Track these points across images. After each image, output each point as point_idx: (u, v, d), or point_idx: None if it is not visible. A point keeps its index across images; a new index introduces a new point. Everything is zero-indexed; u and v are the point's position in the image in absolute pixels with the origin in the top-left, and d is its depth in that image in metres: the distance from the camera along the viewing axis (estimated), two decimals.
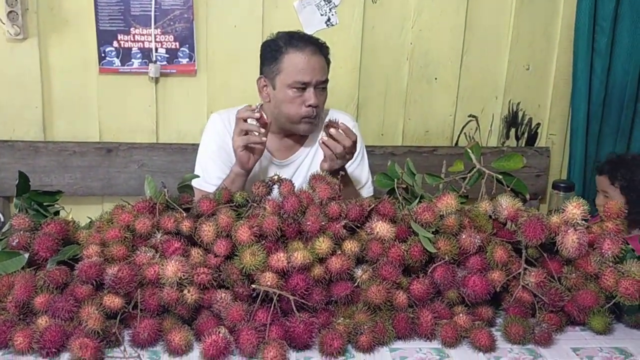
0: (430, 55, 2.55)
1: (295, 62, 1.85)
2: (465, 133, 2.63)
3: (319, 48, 1.91)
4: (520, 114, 2.65)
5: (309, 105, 1.86)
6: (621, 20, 2.48)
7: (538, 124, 2.68)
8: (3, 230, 1.56)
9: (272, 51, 1.90)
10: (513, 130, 2.67)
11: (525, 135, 2.68)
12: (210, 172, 1.95)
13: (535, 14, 2.53)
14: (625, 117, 2.57)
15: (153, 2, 2.37)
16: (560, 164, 2.71)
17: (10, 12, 2.29)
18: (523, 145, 2.69)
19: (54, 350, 1.17)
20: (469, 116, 2.64)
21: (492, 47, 2.57)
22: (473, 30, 2.54)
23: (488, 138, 2.65)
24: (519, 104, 2.64)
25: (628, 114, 2.56)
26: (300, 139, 2.01)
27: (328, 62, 1.95)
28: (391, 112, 2.60)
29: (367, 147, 2.44)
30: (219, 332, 1.20)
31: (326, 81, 1.92)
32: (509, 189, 1.54)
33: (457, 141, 2.64)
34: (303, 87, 1.86)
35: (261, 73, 1.96)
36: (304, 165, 2.01)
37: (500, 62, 2.59)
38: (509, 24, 2.55)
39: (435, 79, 2.57)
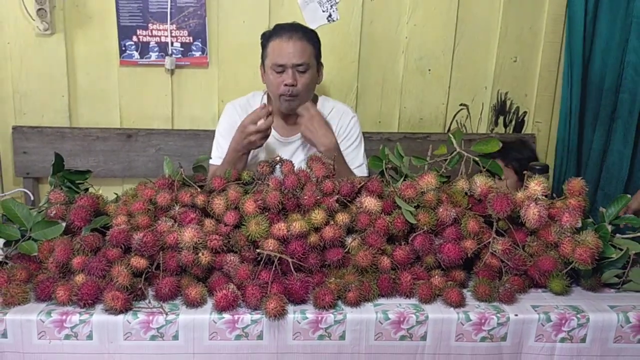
0: (424, 49, 2.63)
1: (274, 47, 2.06)
2: (456, 120, 2.71)
3: (302, 34, 2.08)
4: (508, 103, 2.73)
5: (286, 85, 2.04)
6: (600, 13, 2.56)
7: (525, 112, 2.75)
8: (40, 204, 1.75)
9: (263, 40, 2.14)
10: (501, 118, 2.75)
11: (513, 122, 2.76)
12: (223, 150, 2.14)
13: (522, 9, 2.61)
14: (603, 107, 2.65)
15: (169, 0, 2.47)
16: (546, 149, 2.79)
17: (40, 9, 2.41)
18: (511, 132, 2.77)
19: (90, 301, 1.34)
20: (460, 105, 2.73)
21: (481, 41, 2.64)
22: (464, 25, 2.62)
23: (478, 125, 2.74)
24: (507, 93, 2.72)
25: (607, 104, 2.65)
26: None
27: (315, 47, 2.11)
28: (388, 101, 2.69)
29: (365, 133, 2.60)
30: (229, 288, 1.36)
31: (305, 64, 2.06)
32: (485, 169, 1.72)
33: (449, 128, 2.73)
34: (281, 69, 2.04)
35: (261, 60, 2.18)
36: (305, 143, 2.18)
37: (490, 54, 2.67)
38: (498, 19, 2.62)
39: (429, 70, 2.65)
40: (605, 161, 2.66)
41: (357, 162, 2.22)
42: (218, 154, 2.16)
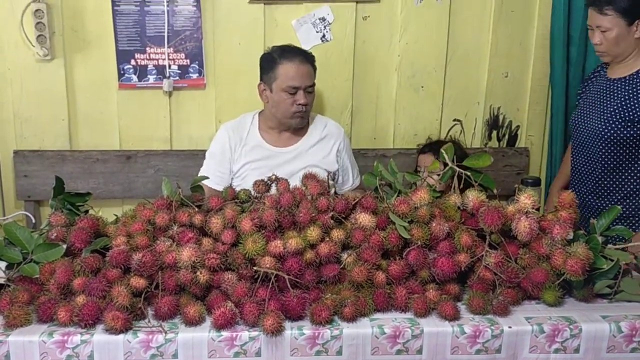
0: (417, 66, 2.66)
1: (287, 71, 2.21)
2: (450, 135, 2.74)
3: (306, 57, 2.26)
4: (500, 118, 2.76)
5: (300, 104, 2.21)
6: None
7: (517, 126, 2.78)
8: (41, 227, 1.78)
9: (269, 62, 2.26)
10: (495, 133, 2.77)
11: (506, 136, 2.78)
12: (212, 173, 2.30)
13: (511, 26, 2.64)
14: None
15: (166, 24, 2.52)
16: (540, 163, 2.81)
17: (39, 35, 2.45)
18: (504, 146, 2.79)
19: (91, 322, 1.37)
20: (454, 120, 2.75)
21: (473, 57, 2.68)
22: (455, 42, 2.66)
23: (472, 140, 2.77)
24: (499, 108, 2.75)
25: None
26: (297, 132, 2.34)
27: (314, 69, 2.28)
28: (382, 118, 2.72)
29: (361, 149, 2.67)
30: (227, 306, 1.38)
31: (313, 84, 2.25)
32: (477, 184, 1.75)
33: None
34: (295, 90, 2.20)
35: (261, 80, 2.31)
36: (302, 152, 2.33)
37: (481, 70, 2.70)
38: (488, 35, 2.66)
39: (422, 87, 2.68)
40: None
41: (355, 169, 2.45)
42: (206, 174, 2.28)
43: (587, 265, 1.48)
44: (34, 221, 2.47)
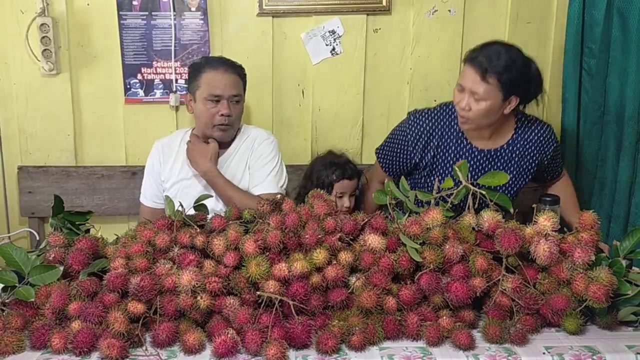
0: (429, 79, 2.60)
1: (210, 79, 2.14)
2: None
3: (233, 67, 2.18)
4: None
5: (222, 115, 2.12)
6: (613, 42, 2.52)
7: None
8: (40, 247, 1.73)
9: (194, 71, 2.20)
10: None
11: None
12: (148, 191, 2.30)
13: (527, 38, 2.56)
14: (627, 136, 2.58)
15: (173, 38, 2.49)
16: None
17: (45, 50, 2.44)
18: None
19: (85, 349, 1.31)
20: None
21: None
22: None
23: None
24: None
25: (629, 133, 2.50)
26: (222, 145, 2.22)
27: (243, 81, 2.21)
28: None
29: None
30: (228, 333, 1.32)
31: (239, 95, 2.18)
32: (493, 202, 1.67)
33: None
34: (217, 99, 2.12)
35: (187, 90, 2.26)
36: (223, 163, 2.22)
37: None
38: None
39: (435, 100, 2.60)
40: (633, 196, 2.52)
41: (257, 180, 2.21)
42: (144, 196, 2.33)
43: (610, 291, 1.41)
44: (38, 238, 2.44)
